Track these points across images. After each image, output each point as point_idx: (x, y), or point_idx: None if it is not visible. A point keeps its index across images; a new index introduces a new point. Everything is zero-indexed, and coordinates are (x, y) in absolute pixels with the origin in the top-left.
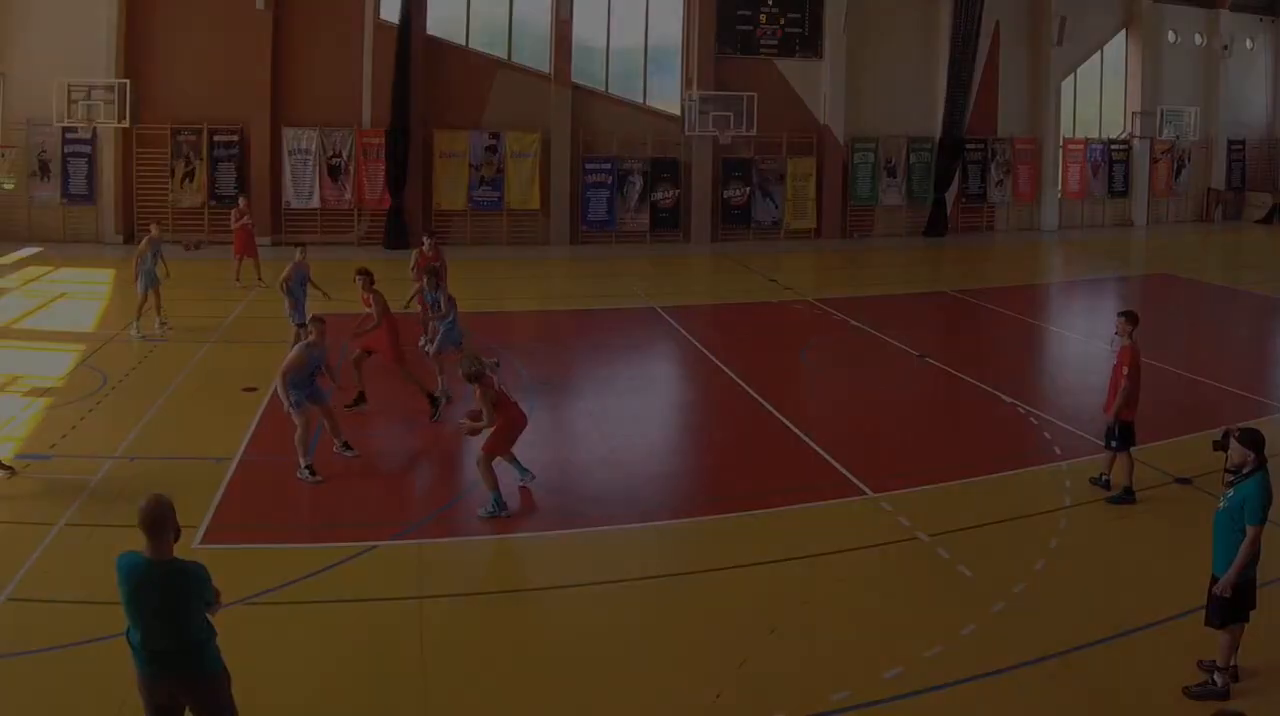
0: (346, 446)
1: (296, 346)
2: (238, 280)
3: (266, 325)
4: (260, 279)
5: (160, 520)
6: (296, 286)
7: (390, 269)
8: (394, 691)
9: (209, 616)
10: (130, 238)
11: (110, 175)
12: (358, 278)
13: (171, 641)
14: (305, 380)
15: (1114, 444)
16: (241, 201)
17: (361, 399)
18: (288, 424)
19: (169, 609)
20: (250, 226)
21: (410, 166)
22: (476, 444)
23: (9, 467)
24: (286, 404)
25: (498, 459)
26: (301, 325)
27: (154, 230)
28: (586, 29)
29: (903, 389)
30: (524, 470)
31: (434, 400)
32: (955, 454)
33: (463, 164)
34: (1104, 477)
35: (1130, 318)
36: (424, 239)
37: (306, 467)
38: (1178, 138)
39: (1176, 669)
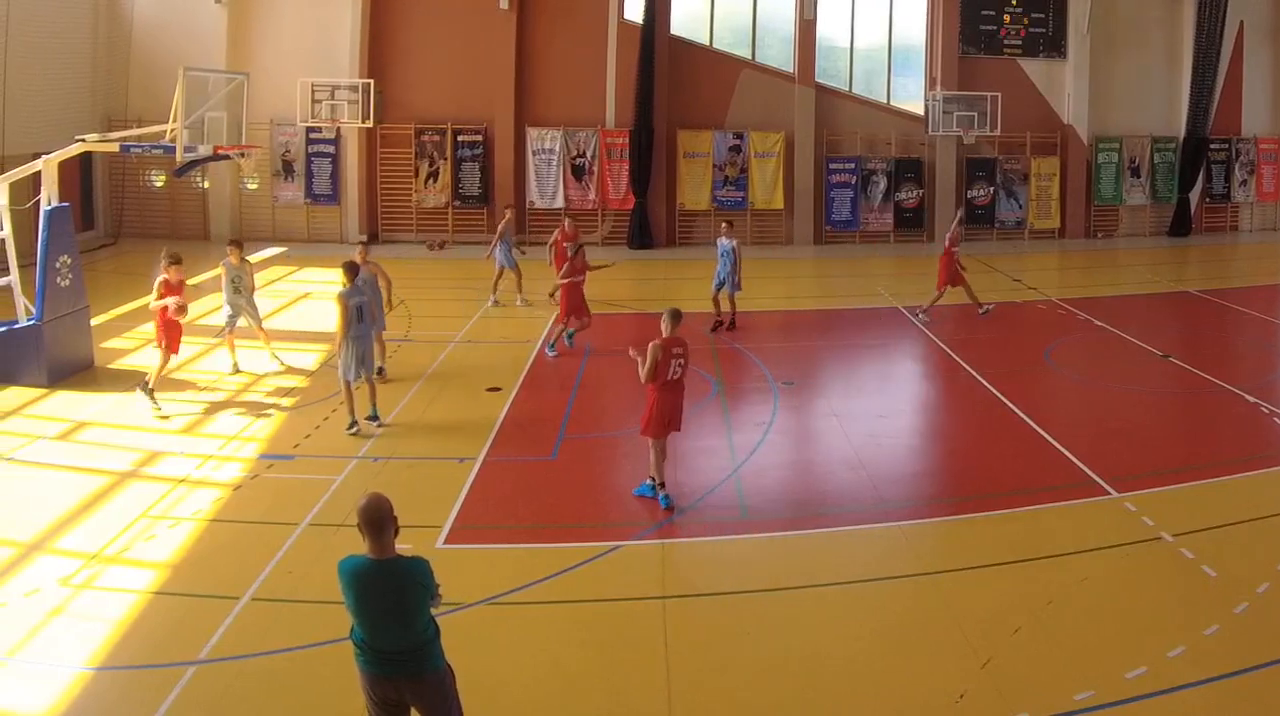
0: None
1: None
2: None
3: (510, 325)
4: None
5: (381, 518)
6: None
7: (635, 269)
8: (637, 691)
9: (432, 611)
10: (374, 238)
11: (354, 175)
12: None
13: (400, 640)
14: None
15: None
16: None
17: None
18: (530, 423)
19: (397, 607)
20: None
21: (654, 166)
22: (722, 443)
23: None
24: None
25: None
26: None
27: (509, 214)
28: (830, 29)
29: (1146, 389)
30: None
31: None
32: (1199, 454)
33: (706, 164)
34: None
35: None
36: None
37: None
38: None
39: None
